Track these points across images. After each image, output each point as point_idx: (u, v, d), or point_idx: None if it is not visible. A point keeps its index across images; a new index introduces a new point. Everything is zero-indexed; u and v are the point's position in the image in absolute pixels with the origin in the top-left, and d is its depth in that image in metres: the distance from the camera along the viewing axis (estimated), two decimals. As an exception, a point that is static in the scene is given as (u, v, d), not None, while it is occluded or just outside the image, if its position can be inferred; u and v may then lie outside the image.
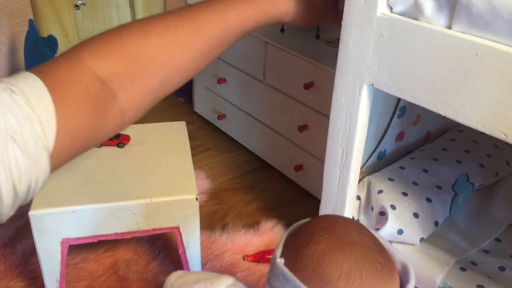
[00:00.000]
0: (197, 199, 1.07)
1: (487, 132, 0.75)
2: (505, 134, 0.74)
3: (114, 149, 1.20)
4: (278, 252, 0.57)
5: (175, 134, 1.27)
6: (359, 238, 0.55)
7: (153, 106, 0.67)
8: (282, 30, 1.48)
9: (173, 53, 0.64)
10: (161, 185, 1.09)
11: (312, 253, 0.54)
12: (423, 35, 0.78)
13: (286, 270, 0.54)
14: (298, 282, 0.52)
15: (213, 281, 0.69)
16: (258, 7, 0.76)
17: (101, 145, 1.20)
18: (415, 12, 0.79)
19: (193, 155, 1.21)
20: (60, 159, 0.51)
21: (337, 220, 0.59)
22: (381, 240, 0.59)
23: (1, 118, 0.43)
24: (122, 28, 0.62)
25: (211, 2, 0.73)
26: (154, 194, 1.06)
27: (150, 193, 1.06)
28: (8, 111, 0.44)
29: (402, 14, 0.81)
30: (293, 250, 0.56)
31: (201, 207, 1.47)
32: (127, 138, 1.23)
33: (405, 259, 0.57)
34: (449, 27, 0.76)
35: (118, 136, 1.22)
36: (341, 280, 0.51)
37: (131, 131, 1.25)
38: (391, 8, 0.82)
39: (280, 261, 0.55)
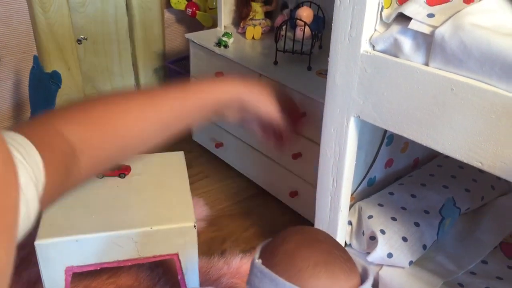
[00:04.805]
0: (195, 226, 1.11)
1: (465, 161, 0.81)
2: (481, 163, 0.79)
3: (115, 179, 1.25)
4: (257, 255, 0.66)
5: (174, 164, 1.33)
6: (324, 238, 0.66)
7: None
8: (276, 62, 1.55)
9: (135, 125, 0.70)
10: (160, 213, 1.14)
11: (284, 250, 0.63)
12: (402, 71, 0.84)
13: (263, 267, 0.62)
14: (274, 275, 0.60)
15: None
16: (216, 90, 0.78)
17: (103, 175, 1.25)
18: (395, 50, 0.85)
19: (192, 183, 1.26)
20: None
21: (306, 227, 0.70)
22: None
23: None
24: (92, 99, 0.70)
25: (175, 86, 0.79)
26: (154, 222, 1.11)
27: (150, 221, 1.11)
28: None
29: (383, 51, 0.87)
30: (269, 251, 0.65)
31: (200, 233, 1.51)
32: (128, 169, 1.28)
33: (364, 263, 0.65)
34: (427, 64, 0.82)
35: (119, 167, 1.27)
36: (309, 269, 0.60)
37: (132, 161, 1.30)
38: (373, 46, 0.89)
39: (258, 261, 0.63)
